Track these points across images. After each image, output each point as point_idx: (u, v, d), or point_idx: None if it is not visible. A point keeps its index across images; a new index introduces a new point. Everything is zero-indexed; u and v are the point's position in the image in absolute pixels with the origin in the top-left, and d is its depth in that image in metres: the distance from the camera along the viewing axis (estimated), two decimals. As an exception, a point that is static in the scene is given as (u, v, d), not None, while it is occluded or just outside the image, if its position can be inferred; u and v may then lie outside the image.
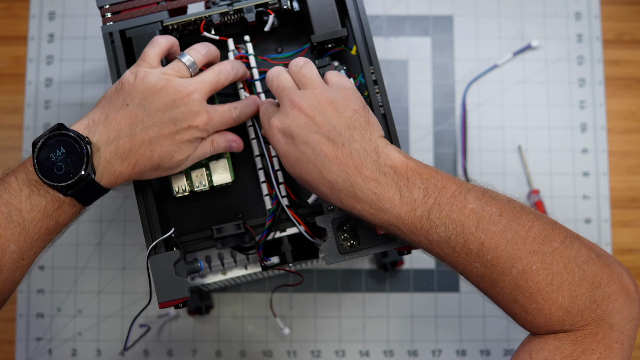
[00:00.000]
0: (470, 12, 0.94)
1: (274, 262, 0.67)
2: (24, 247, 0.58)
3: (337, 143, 0.57)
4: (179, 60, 0.63)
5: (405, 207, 0.56)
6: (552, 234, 0.56)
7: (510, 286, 0.56)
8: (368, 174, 0.57)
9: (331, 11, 0.67)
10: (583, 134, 0.91)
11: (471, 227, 0.56)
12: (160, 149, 0.60)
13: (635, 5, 0.94)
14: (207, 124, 0.61)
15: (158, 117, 0.60)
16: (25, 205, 0.58)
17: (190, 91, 0.61)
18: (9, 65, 0.92)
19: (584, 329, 0.55)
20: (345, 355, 0.87)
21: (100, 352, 0.86)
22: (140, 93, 0.60)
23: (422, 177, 0.57)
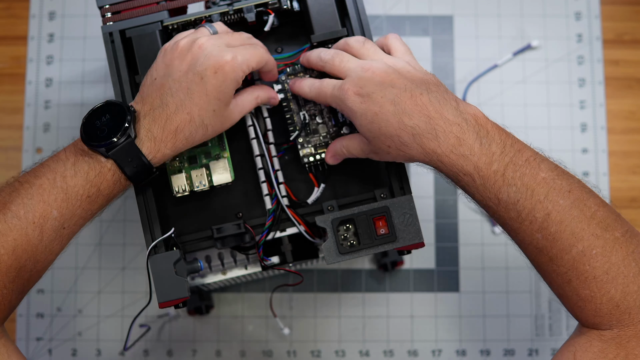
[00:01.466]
0: (470, 12, 0.94)
1: (274, 262, 0.67)
2: (65, 214, 0.58)
3: (414, 93, 0.58)
4: (199, 27, 0.64)
5: (483, 158, 0.56)
6: (615, 223, 0.55)
7: (568, 265, 0.55)
8: (450, 117, 0.57)
9: (331, 11, 0.67)
10: (583, 134, 0.91)
11: (540, 195, 0.55)
12: (197, 109, 0.59)
13: (635, 5, 0.94)
14: (233, 61, 0.59)
15: (182, 78, 0.59)
16: (69, 172, 0.58)
17: (206, 39, 0.60)
18: (9, 65, 0.92)
19: (629, 329, 0.54)
20: (345, 355, 0.87)
21: (100, 352, 0.86)
22: (164, 63, 0.61)
23: (500, 134, 0.58)
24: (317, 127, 0.67)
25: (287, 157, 0.68)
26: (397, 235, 0.62)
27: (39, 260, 0.58)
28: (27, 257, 0.57)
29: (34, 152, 0.90)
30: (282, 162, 0.68)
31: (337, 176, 0.68)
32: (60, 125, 0.90)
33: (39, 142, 0.90)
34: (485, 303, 0.87)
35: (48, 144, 0.90)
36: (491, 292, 0.87)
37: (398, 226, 0.62)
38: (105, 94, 0.90)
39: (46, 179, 0.57)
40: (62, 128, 0.90)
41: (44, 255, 0.58)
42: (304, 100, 0.67)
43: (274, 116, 0.68)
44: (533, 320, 0.86)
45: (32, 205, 0.57)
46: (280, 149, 0.67)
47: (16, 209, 0.56)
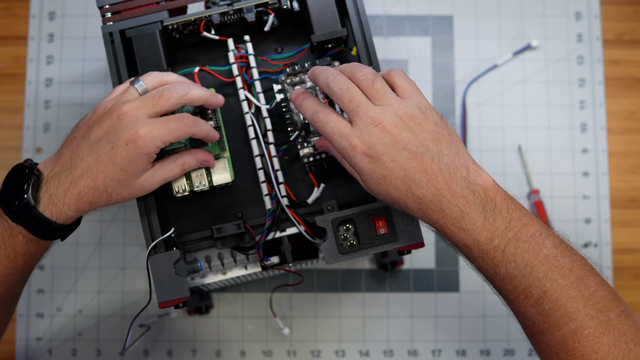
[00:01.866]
0: (470, 12, 0.94)
1: (274, 262, 0.67)
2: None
3: (426, 159, 0.56)
4: (130, 85, 0.62)
5: (485, 233, 0.55)
6: (611, 304, 0.55)
7: (558, 341, 0.55)
8: (457, 190, 0.56)
9: (331, 11, 0.67)
10: (583, 134, 0.91)
11: (540, 273, 0.55)
12: (103, 176, 0.59)
13: (635, 5, 0.94)
14: (148, 135, 0.58)
15: (96, 144, 0.59)
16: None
17: (127, 109, 0.59)
18: (9, 65, 0.92)
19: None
20: (345, 355, 0.87)
21: (100, 352, 0.86)
22: (87, 125, 0.61)
23: (508, 207, 0.56)
24: (317, 127, 0.67)
25: (287, 157, 0.68)
26: (397, 235, 0.62)
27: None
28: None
29: (34, 152, 0.90)
30: (282, 162, 0.68)
31: (337, 176, 0.68)
32: (60, 125, 0.90)
33: (39, 142, 0.90)
34: (485, 303, 0.87)
35: (48, 144, 0.90)
36: (491, 292, 0.87)
37: (398, 226, 0.62)
38: (105, 94, 0.90)
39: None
40: (62, 128, 0.90)
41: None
42: (304, 100, 0.67)
43: (274, 116, 0.68)
44: (533, 320, 0.86)
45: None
46: (280, 149, 0.67)
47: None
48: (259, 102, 0.68)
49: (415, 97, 0.59)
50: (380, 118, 0.57)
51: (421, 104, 0.59)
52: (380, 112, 0.57)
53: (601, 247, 0.89)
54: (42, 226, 0.60)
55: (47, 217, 0.59)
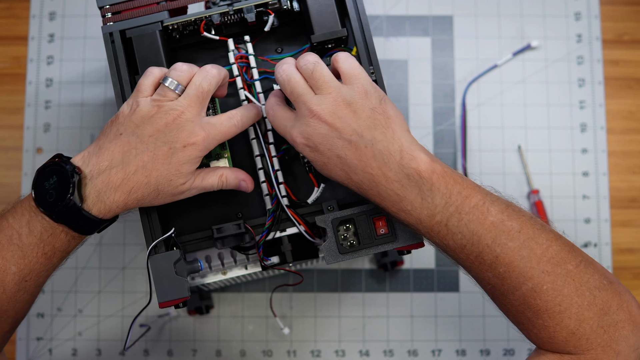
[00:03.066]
0: (470, 12, 0.94)
1: (274, 262, 0.67)
2: (24, 269, 0.60)
3: (359, 146, 0.58)
4: (162, 85, 0.62)
5: (425, 212, 0.57)
6: (568, 256, 0.56)
7: (519, 301, 0.57)
8: (391, 175, 0.57)
9: (331, 11, 0.67)
10: (583, 134, 0.91)
11: (488, 239, 0.56)
12: (156, 174, 0.59)
13: (635, 5, 0.94)
14: (205, 139, 0.60)
15: (151, 142, 0.60)
16: (24, 230, 0.60)
17: (180, 112, 0.60)
18: (9, 65, 0.92)
19: (588, 353, 0.55)
20: (345, 355, 0.87)
21: (100, 352, 0.86)
22: (133, 122, 0.60)
23: (447, 183, 0.57)
24: (317, 127, 0.67)
25: (287, 157, 0.68)
26: (397, 235, 0.62)
27: (7, 309, 0.61)
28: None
29: (34, 152, 0.90)
30: (282, 162, 0.68)
31: (337, 176, 0.68)
32: (60, 125, 0.90)
33: (39, 142, 0.90)
34: (485, 303, 0.87)
35: (48, 144, 0.90)
36: (491, 292, 0.87)
37: (398, 226, 0.62)
38: (106, 94, 0.90)
39: (4, 235, 0.60)
40: (62, 128, 0.90)
41: (12, 304, 0.61)
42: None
43: (274, 116, 0.68)
44: (533, 320, 0.86)
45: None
46: (280, 149, 0.68)
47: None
48: (259, 102, 0.68)
49: (356, 81, 0.60)
50: (317, 109, 0.59)
51: (361, 89, 0.60)
52: (317, 102, 0.59)
53: (601, 247, 0.89)
54: (88, 224, 0.60)
55: (94, 215, 0.59)
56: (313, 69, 0.60)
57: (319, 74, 0.60)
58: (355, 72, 0.61)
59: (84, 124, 0.90)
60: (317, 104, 0.59)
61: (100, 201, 0.59)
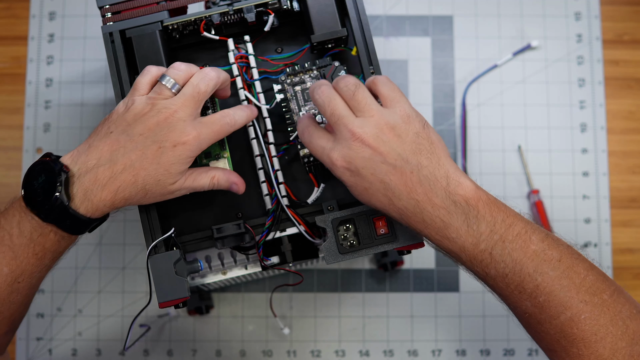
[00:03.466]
0: (470, 12, 0.94)
1: (274, 262, 0.67)
2: (16, 270, 0.60)
3: (405, 171, 0.57)
4: (159, 83, 0.61)
5: (470, 240, 0.56)
6: (603, 286, 0.57)
7: (556, 329, 0.56)
8: (438, 201, 0.56)
9: (331, 11, 0.67)
10: (583, 134, 0.91)
11: (530, 268, 0.56)
12: (144, 173, 0.59)
13: (635, 5, 0.94)
14: (196, 139, 0.59)
15: (141, 141, 0.59)
16: (15, 230, 0.59)
17: (173, 110, 0.59)
18: (9, 65, 0.92)
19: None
20: (345, 355, 0.87)
21: (100, 352, 0.86)
22: (125, 120, 0.60)
23: (492, 211, 0.57)
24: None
25: (287, 157, 0.68)
26: (397, 235, 0.62)
27: (1, 311, 0.60)
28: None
29: (34, 152, 0.90)
30: (282, 162, 0.68)
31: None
32: (60, 125, 0.90)
33: (39, 142, 0.90)
34: (485, 303, 0.87)
35: (48, 144, 0.90)
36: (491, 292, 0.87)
37: (398, 226, 0.62)
38: (106, 94, 0.90)
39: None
40: (62, 128, 0.90)
41: (7, 305, 0.60)
42: (304, 100, 0.67)
43: (274, 116, 0.68)
44: (533, 320, 0.86)
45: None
46: (280, 149, 0.67)
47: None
48: (259, 102, 0.68)
49: (398, 105, 0.59)
50: (360, 132, 0.57)
51: (403, 113, 0.59)
52: (359, 124, 0.58)
53: (601, 247, 0.89)
54: (76, 223, 0.59)
55: (82, 214, 0.59)
56: (355, 91, 0.59)
57: (361, 97, 0.59)
58: (396, 96, 0.60)
59: (84, 124, 0.90)
60: (360, 127, 0.57)
61: (88, 200, 0.59)
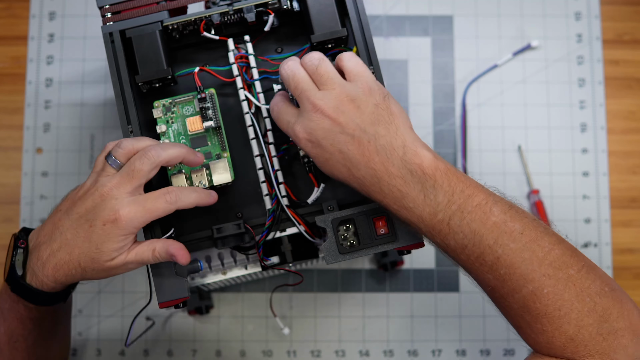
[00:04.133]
0: (470, 12, 0.94)
1: (274, 262, 0.67)
2: (7, 331, 0.65)
3: (362, 141, 0.58)
4: (105, 160, 0.62)
5: (427, 209, 0.56)
6: (570, 261, 0.56)
7: (519, 303, 0.56)
8: (394, 171, 0.57)
9: (331, 11, 0.67)
10: (583, 134, 0.91)
11: (490, 240, 0.56)
12: (78, 251, 0.60)
13: (635, 5, 0.94)
14: (126, 217, 0.58)
15: (76, 220, 0.60)
16: (4, 295, 0.64)
17: (108, 188, 0.59)
18: (9, 65, 0.92)
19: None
20: (345, 355, 0.87)
21: (100, 352, 0.86)
22: (72, 200, 0.62)
23: (450, 182, 0.57)
24: (317, 127, 0.67)
25: (287, 157, 0.68)
26: (397, 235, 0.62)
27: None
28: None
29: (34, 152, 0.90)
30: (282, 162, 0.68)
31: (337, 176, 0.68)
32: (60, 125, 0.90)
33: (39, 142, 0.90)
34: (485, 303, 0.87)
35: (48, 144, 0.90)
36: (491, 292, 0.87)
37: (398, 226, 0.62)
38: (105, 94, 0.90)
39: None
40: (62, 128, 0.90)
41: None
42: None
43: (274, 116, 0.68)
44: (533, 320, 0.86)
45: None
46: (280, 149, 0.67)
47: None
48: (259, 102, 0.68)
49: (360, 78, 0.60)
50: (320, 103, 0.59)
51: (365, 85, 0.60)
52: (321, 97, 0.59)
53: (601, 247, 0.89)
54: (32, 295, 0.62)
55: (33, 286, 0.61)
56: (318, 65, 0.61)
57: (324, 70, 0.60)
58: (359, 70, 0.61)
59: (83, 124, 0.90)
60: (321, 99, 0.59)
61: (34, 275, 0.61)
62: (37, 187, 0.89)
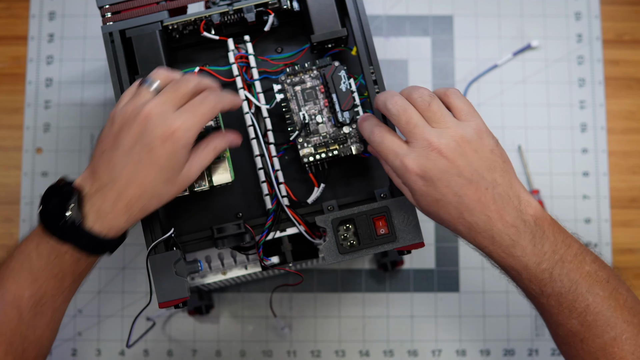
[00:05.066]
0: (470, 12, 0.94)
1: (274, 262, 0.67)
2: (36, 293, 0.60)
3: (480, 187, 0.57)
4: (138, 88, 0.61)
5: (534, 259, 0.57)
6: (638, 308, 0.59)
7: (598, 347, 0.58)
8: (509, 219, 0.57)
9: (331, 11, 0.67)
10: (583, 134, 0.91)
11: (583, 288, 0.57)
12: (149, 180, 0.58)
13: (635, 5, 0.94)
14: (183, 126, 0.58)
15: (130, 151, 0.58)
16: (34, 253, 0.59)
17: (150, 108, 0.58)
18: (9, 65, 0.92)
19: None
20: (345, 355, 0.87)
21: (100, 352, 0.86)
22: (111, 136, 0.59)
23: (554, 232, 0.58)
24: (317, 127, 0.67)
25: (287, 157, 0.68)
26: (397, 235, 0.62)
27: (26, 335, 0.60)
28: (11, 334, 0.59)
29: (34, 152, 0.90)
30: (282, 162, 0.68)
31: (337, 176, 0.68)
32: (60, 125, 0.90)
33: (39, 142, 0.90)
34: (485, 303, 0.87)
35: (48, 144, 0.90)
36: (491, 292, 0.87)
37: (398, 226, 0.62)
38: (105, 94, 0.90)
39: (16, 262, 0.60)
40: (62, 128, 0.90)
41: (31, 330, 0.60)
42: (304, 100, 0.67)
43: (274, 116, 0.68)
44: (533, 320, 0.86)
45: (7, 287, 0.59)
46: (280, 149, 0.67)
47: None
48: (259, 102, 0.68)
49: (472, 119, 0.59)
50: (437, 142, 0.57)
51: (478, 128, 0.59)
52: (436, 135, 0.57)
53: (601, 247, 0.89)
54: (92, 242, 0.59)
55: (95, 232, 0.58)
56: (430, 102, 0.59)
57: (437, 108, 0.59)
58: (471, 110, 0.60)
59: (83, 123, 0.90)
60: (437, 137, 0.57)
61: (101, 218, 0.58)
62: (37, 187, 0.89)
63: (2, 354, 0.59)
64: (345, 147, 0.66)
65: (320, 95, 0.67)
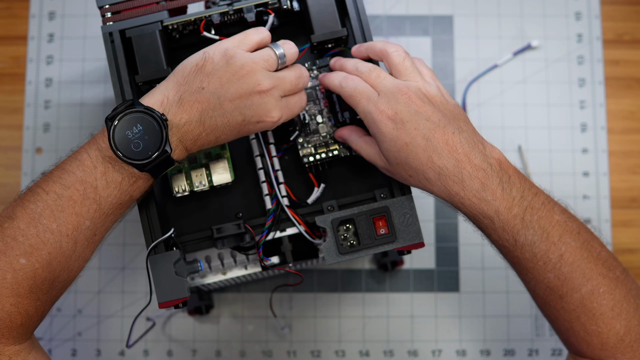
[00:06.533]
0: (470, 12, 0.94)
1: (274, 262, 0.67)
2: (97, 223, 0.59)
3: (447, 130, 0.59)
4: (270, 49, 0.61)
5: (504, 203, 0.58)
6: (614, 263, 0.59)
7: (577, 303, 0.57)
8: (477, 162, 0.58)
9: (331, 11, 0.67)
10: (583, 134, 0.91)
11: (555, 237, 0.58)
12: (225, 137, 0.60)
13: (635, 5, 0.94)
14: (277, 121, 0.60)
15: (229, 108, 0.58)
16: (100, 182, 0.57)
17: (271, 87, 0.59)
18: (9, 65, 0.92)
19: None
20: (345, 355, 0.87)
21: (100, 352, 0.86)
22: (219, 78, 0.59)
23: (520, 179, 0.59)
24: (317, 127, 0.67)
25: (287, 157, 0.68)
26: (397, 235, 0.62)
27: (72, 270, 0.59)
28: (61, 269, 0.58)
29: (34, 152, 0.90)
30: (282, 162, 0.68)
31: (337, 176, 0.68)
32: (60, 125, 0.90)
33: (39, 142, 0.90)
34: (485, 303, 0.87)
35: (48, 144, 0.90)
36: (491, 292, 0.87)
37: (398, 226, 0.62)
38: (105, 94, 0.90)
39: (75, 190, 0.57)
40: (62, 128, 0.90)
41: (77, 263, 0.59)
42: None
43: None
44: (533, 320, 0.86)
45: (64, 218, 0.57)
46: (280, 149, 0.67)
47: (48, 223, 0.56)
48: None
49: (435, 82, 0.63)
50: (407, 88, 0.60)
51: (442, 89, 0.63)
52: (406, 84, 0.61)
53: None
54: (166, 168, 0.59)
55: (176, 161, 0.59)
56: (405, 57, 0.63)
57: (410, 64, 0.62)
58: (435, 77, 0.64)
59: (83, 123, 0.90)
60: (407, 86, 0.61)
61: (180, 149, 0.59)
62: (37, 187, 0.89)
63: (45, 291, 0.57)
64: (345, 147, 0.67)
65: (320, 95, 0.67)
